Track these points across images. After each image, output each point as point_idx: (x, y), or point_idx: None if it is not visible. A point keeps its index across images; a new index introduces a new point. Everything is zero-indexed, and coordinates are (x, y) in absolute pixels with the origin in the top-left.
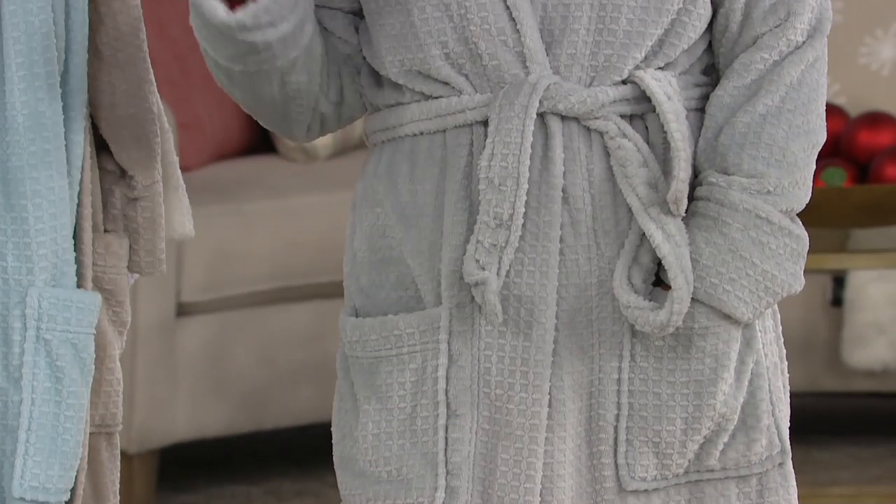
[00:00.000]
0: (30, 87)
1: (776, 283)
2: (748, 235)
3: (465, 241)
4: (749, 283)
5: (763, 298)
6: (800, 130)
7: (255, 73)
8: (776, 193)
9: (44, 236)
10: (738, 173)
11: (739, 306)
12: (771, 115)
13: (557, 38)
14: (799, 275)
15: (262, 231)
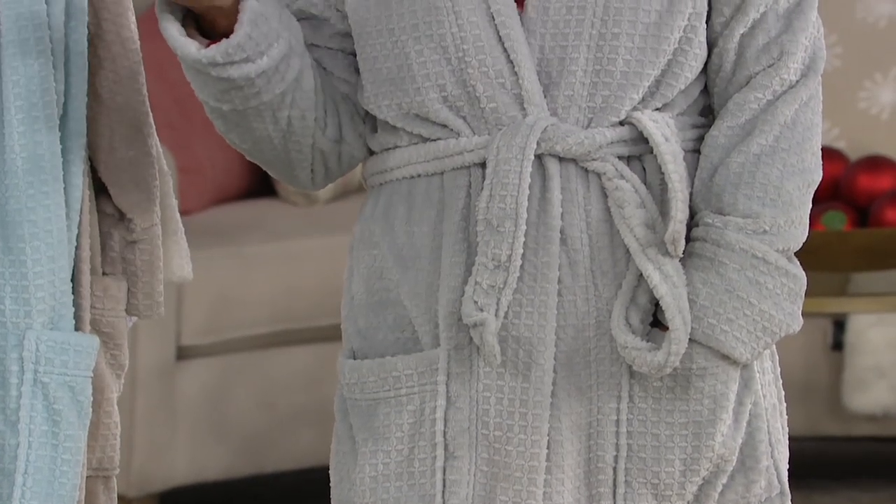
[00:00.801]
0: (29, 131)
1: (774, 323)
2: (745, 276)
3: (463, 283)
4: (747, 323)
5: (761, 339)
6: (794, 169)
7: (243, 112)
8: (772, 233)
9: (42, 279)
10: (734, 213)
11: (737, 346)
12: (765, 155)
13: (555, 79)
14: (797, 314)
15: (262, 274)
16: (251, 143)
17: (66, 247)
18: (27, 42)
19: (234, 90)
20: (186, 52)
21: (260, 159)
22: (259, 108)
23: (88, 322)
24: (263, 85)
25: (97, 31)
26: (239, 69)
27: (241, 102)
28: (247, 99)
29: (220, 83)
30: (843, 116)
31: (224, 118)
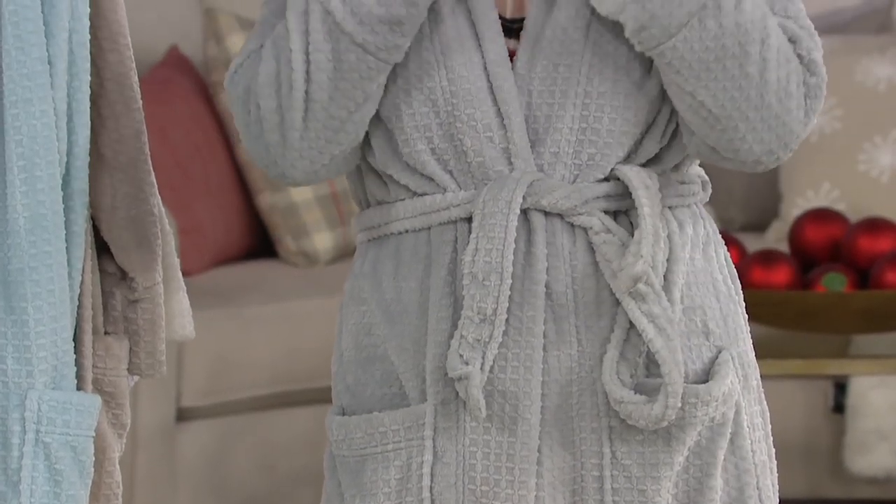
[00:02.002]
0: (31, 190)
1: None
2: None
3: (450, 338)
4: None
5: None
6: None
7: (366, 57)
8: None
9: (44, 339)
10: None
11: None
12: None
13: (541, 136)
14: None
15: (262, 336)
16: (330, 94)
17: (68, 306)
18: (30, 101)
19: (397, 25)
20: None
21: (311, 118)
22: (380, 63)
23: (90, 381)
24: (404, 43)
25: (100, 90)
26: (427, 2)
27: (380, 43)
28: (387, 46)
29: (403, 9)
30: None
31: (336, 52)
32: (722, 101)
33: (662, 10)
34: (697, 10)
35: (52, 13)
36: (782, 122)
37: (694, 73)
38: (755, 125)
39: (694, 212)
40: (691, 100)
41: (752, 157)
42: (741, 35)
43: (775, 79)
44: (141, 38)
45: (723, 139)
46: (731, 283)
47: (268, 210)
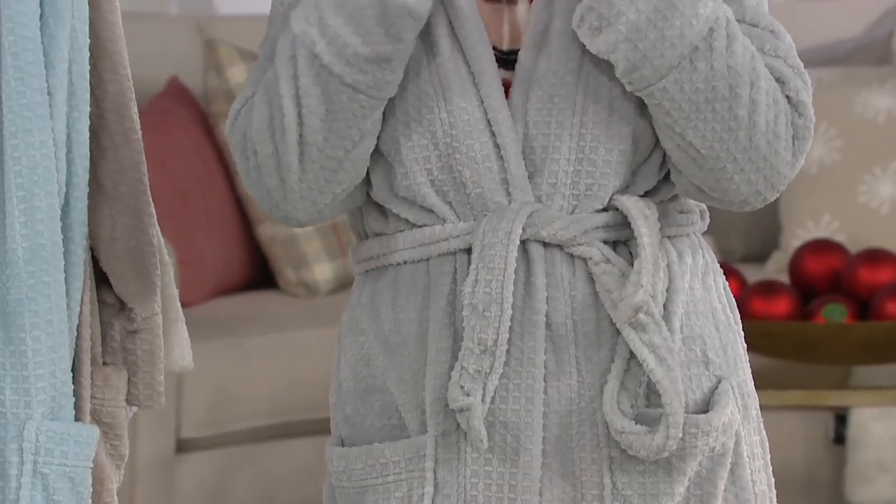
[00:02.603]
0: (30, 221)
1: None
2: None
3: (450, 369)
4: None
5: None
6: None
7: (357, 96)
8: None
9: (42, 369)
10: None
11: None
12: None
13: (539, 167)
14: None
15: (262, 367)
16: (324, 136)
17: (66, 337)
18: (30, 132)
19: (385, 62)
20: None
21: (308, 160)
22: (372, 100)
23: (88, 412)
24: (396, 78)
25: (100, 120)
26: (415, 33)
27: (369, 81)
28: (377, 83)
29: (389, 46)
30: (843, 210)
31: (326, 94)
32: (711, 143)
33: (654, 51)
34: (689, 52)
35: (52, 44)
36: (770, 163)
37: (683, 114)
38: (743, 166)
39: (693, 241)
40: (680, 140)
41: (739, 198)
42: (732, 78)
43: (764, 121)
44: (141, 68)
45: (710, 179)
46: (730, 312)
47: (268, 241)
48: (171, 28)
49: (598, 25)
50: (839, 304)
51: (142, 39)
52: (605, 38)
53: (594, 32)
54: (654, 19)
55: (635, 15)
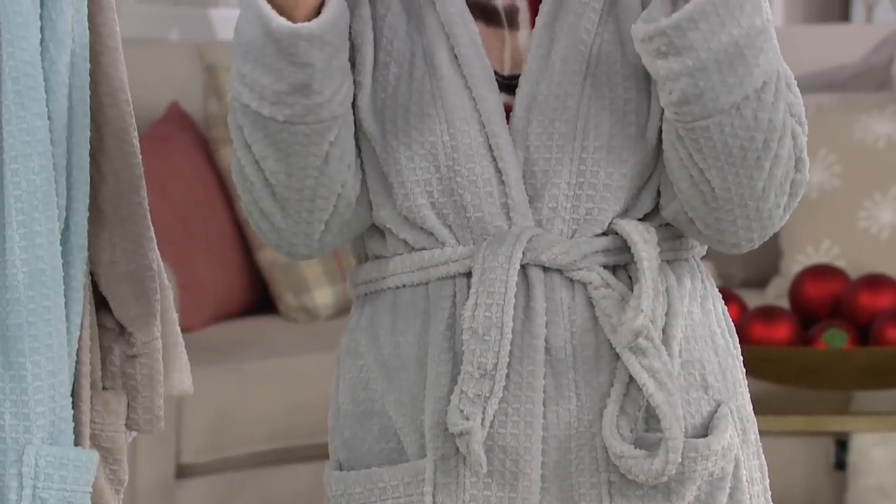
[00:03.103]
0: (30, 245)
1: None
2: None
3: (449, 393)
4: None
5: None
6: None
7: (294, 128)
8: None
9: (42, 394)
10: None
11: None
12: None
13: (539, 191)
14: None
15: (262, 391)
16: (285, 174)
17: (66, 361)
18: (29, 156)
19: (304, 89)
20: (280, 23)
21: (280, 199)
22: (313, 126)
23: (88, 437)
24: (330, 95)
25: (99, 144)
26: (322, 55)
27: (300, 111)
28: (308, 109)
29: (300, 73)
30: (844, 236)
31: (269, 136)
32: (729, 185)
33: (711, 92)
34: (741, 100)
35: (53, 69)
36: (770, 215)
37: (714, 154)
38: (749, 213)
39: (692, 265)
40: (699, 176)
41: (732, 240)
42: (769, 131)
43: (780, 174)
44: (142, 94)
45: (711, 217)
46: (728, 336)
47: (268, 266)
48: (172, 54)
49: (665, 52)
50: (839, 329)
51: (142, 65)
52: (669, 66)
53: (659, 56)
54: (721, 62)
55: (706, 53)
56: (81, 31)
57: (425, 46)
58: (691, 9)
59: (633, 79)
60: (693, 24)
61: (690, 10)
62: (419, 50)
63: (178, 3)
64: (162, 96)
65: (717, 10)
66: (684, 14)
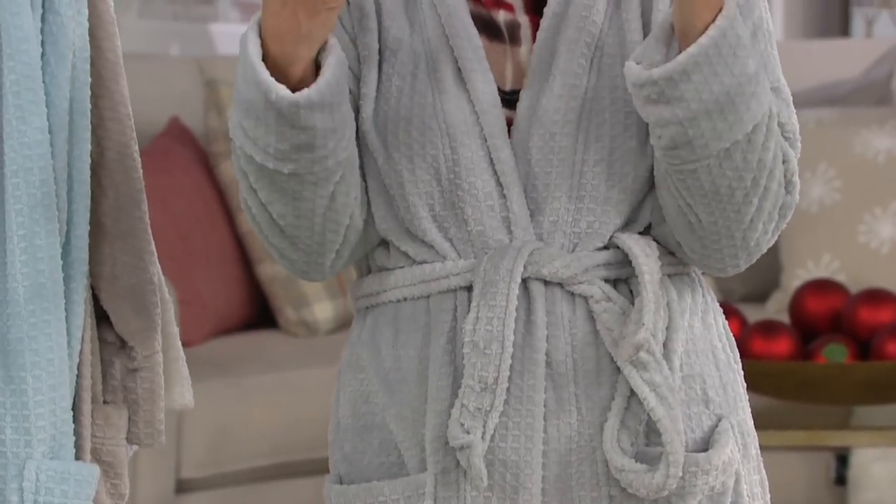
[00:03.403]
0: (31, 259)
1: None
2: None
3: (450, 407)
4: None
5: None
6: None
7: (301, 177)
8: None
9: (42, 408)
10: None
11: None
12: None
13: (540, 205)
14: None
15: (262, 406)
16: (293, 216)
17: (67, 375)
18: (30, 170)
19: (308, 147)
20: (280, 94)
21: (289, 237)
22: (318, 174)
23: (89, 451)
24: (334, 146)
25: (100, 159)
26: (323, 117)
27: (305, 164)
28: (313, 161)
29: (302, 135)
30: (844, 250)
31: (274, 184)
32: (717, 218)
33: (700, 139)
34: (731, 144)
35: (53, 83)
36: (757, 242)
37: (702, 192)
38: (736, 242)
39: (692, 279)
40: (686, 207)
41: (719, 265)
42: (758, 170)
43: (769, 206)
44: (142, 109)
45: (697, 244)
46: (729, 351)
47: (268, 280)
48: (172, 68)
49: (655, 100)
50: (840, 344)
51: (143, 80)
52: (659, 113)
53: (648, 102)
54: (711, 111)
55: (697, 105)
56: (82, 45)
57: (429, 60)
58: (684, 60)
59: None
60: (685, 77)
61: (683, 61)
62: (423, 63)
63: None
64: (162, 111)
65: (710, 61)
66: (676, 66)
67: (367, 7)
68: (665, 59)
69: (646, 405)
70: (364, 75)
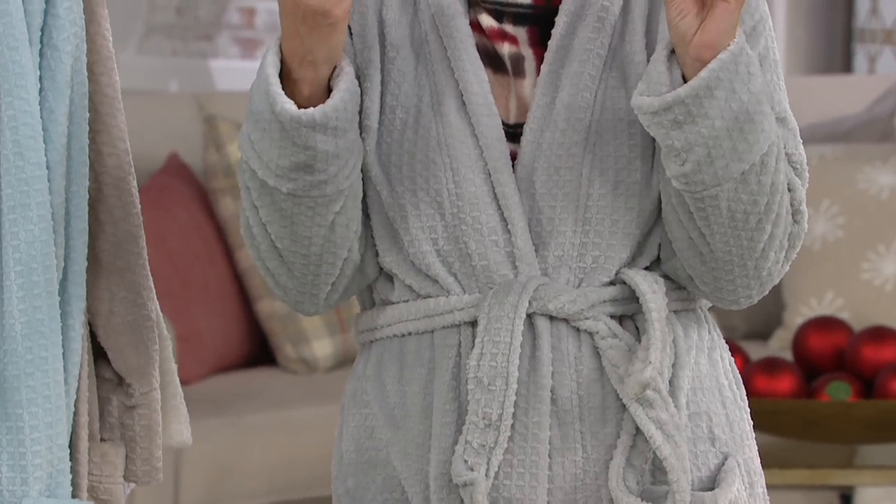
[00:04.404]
0: (28, 296)
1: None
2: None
3: (454, 443)
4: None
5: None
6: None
7: (300, 200)
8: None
9: (39, 445)
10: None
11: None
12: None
13: (545, 239)
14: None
15: (261, 444)
16: (290, 239)
17: (63, 412)
18: (28, 206)
19: (307, 168)
20: (284, 107)
21: (287, 262)
22: (317, 199)
23: (86, 489)
24: (335, 172)
25: (98, 194)
26: (326, 139)
27: (303, 186)
28: (313, 185)
29: (302, 154)
30: (847, 287)
31: (274, 203)
32: (730, 247)
33: (721, 160)
34: (749, 166)
35: (51, 118)
36: (769, 271)
37: (719, 220)
38: (748, 272)
39: (698, 316)
40: (698, 238)
41: (731, 297)
42: (771, 193)
43: (780, 233)
44: (141, 145)
45: (709, 276)
46: (736, 388)
47: (267, 317)
48: (171, 104)
49: (682, 120)
50: (843, 381)
51: (141, 116)
52: (685, 136)
53: (674, 126)
54: (732, 129)
55: (721, 122)
56: (81, 80)
57: (433, 92)
58: (706, 76)
59: (638, 125)
60: (709, 93)
61: (706, 77)
62: (427, 95)
63: (178, 53)
64: (161, 148)
65: (730, 77)
66: (700, 82)
67: (369, 37)
68: (671, 85)
69: (652, 443)
70: (366, 107)
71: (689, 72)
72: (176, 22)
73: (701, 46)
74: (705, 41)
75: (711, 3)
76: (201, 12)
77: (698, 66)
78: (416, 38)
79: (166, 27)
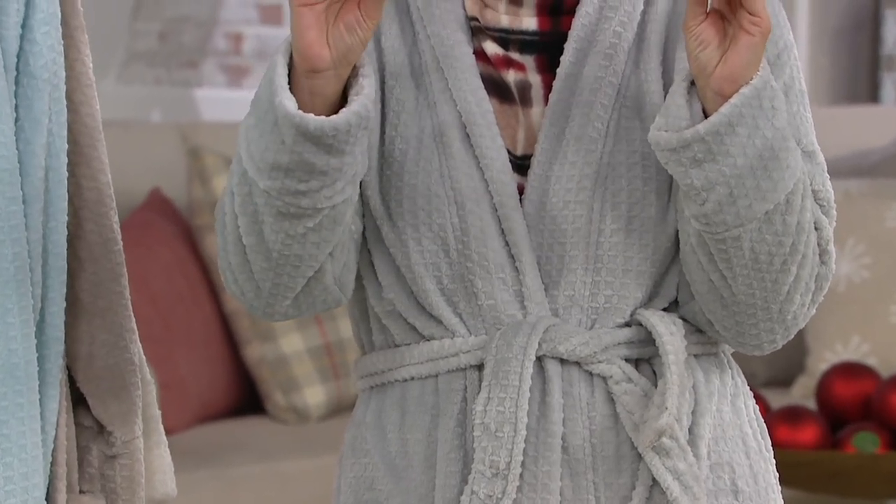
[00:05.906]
0: (3, 338)
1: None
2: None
3: (459, 494)
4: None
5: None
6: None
7: (274, 200)
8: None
9: (14, 498)
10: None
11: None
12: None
13: (555, 278)
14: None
15: (250, 498)
16: (255, 237)
17: (40, 463)
18: (3, 243)
19: (288, 172)
20: (283, 101)
21: (247, 262)
22: (291, 207)
23: None
24: (318, 187)
25: (77, 230)
26: (317, 151)
27: (280, 189)
28: (289, 191)
29: (286, 156)
30: (873, 332)
31: (251, 195)
32: (753, 291)
33: (744, 200)
34: (773, 205)
35: (28, 150)
36: (794, 315)
37: (742, 262)
38: (772, 316)
39: (721, 361)
40: (720, 281)
41: (753, 343)
42: (797, 234)
43: (806, 274)
44: (121, 179)
45: (730, 321)
46: (761, 438)
47: (255, 363)
48: (153, 136)
49: (701, 158)
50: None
51: (122, 149)
52: (705, 175)
53: (693, 164)
54: (755, 168)
55: (743, 160)
56: (59, 109)
57: (435, 123)
58: (728, 112)
59: (652, 157)
60: (731, 129)
61: (727, 113)
62: (428, 126)
63: (161, 82)
64: (142, 182)
65: (753, 112)
66: (721, 118)
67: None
68: (691, 120)
69: (669, 495)
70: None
71: (709, 106)
72: (159, 48)
73: (722, 80)
74: (727, 74)
75: (734, 34)
76: (186, 38)
77: (719, 101)
78: (416, 67)
79: (148, 54)
